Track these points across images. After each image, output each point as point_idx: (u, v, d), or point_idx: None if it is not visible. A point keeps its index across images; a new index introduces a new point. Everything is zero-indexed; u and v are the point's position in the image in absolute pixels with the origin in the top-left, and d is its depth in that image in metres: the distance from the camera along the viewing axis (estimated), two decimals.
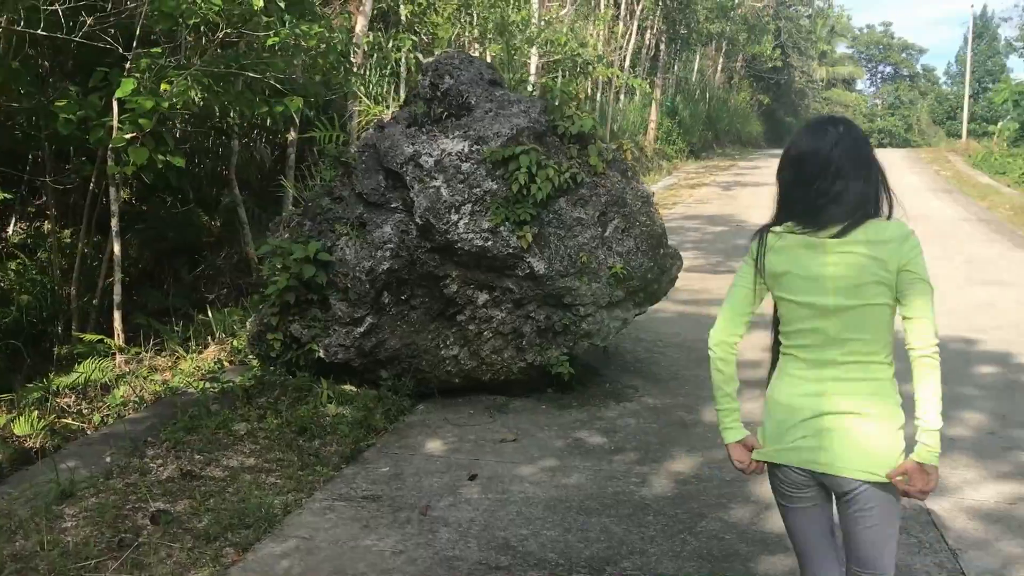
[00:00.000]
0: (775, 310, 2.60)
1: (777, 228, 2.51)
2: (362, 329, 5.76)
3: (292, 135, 11.09)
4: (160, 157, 7.35)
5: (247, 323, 6.66)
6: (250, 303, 8.51)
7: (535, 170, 5.52)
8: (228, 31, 8.04)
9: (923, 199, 19.28)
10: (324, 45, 8.76)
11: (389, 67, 13.94)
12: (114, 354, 7.32)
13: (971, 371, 6.78)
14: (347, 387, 6.01)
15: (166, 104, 7.06)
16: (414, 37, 12.69)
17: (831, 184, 2.45)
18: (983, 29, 57.36)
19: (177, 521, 4.17)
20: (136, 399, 6.19)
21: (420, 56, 12.43)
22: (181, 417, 5.53)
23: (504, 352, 5.83)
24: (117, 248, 7.76)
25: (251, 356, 6.68)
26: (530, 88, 15.58)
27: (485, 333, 5.79)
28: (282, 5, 8.32)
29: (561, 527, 4.18)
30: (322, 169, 6.75)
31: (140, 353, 7.51)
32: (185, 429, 5.37)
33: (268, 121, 10.85)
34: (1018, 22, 35.69)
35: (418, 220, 5.53)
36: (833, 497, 2.52)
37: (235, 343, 7.43)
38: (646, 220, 5.95)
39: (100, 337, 7.67)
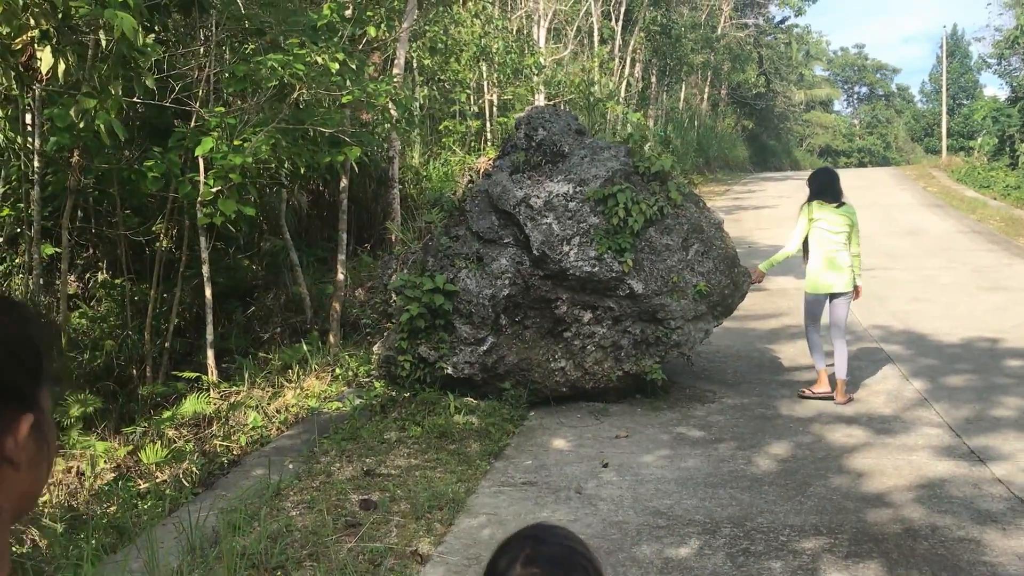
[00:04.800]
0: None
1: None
2: (484, 348, 6.69)
3: (344, 182, 12.03)
4: (243, 208, 8.20)
5: (375, 348, 7.55)
6: (311, 338, 9.39)
7: (630, 205, 6.51)
8: (302, 91, 8.95)
9: (918, 214, 20.44)
10: (390, 100, 9.73)
11: (416, 115, 14.97)
12: (208, 389, 8.13)
13: (1000, 365, 7.77)
14: (469, 400, 6.93)
15: (250, 159, 7.90)
16: (468, 90, 13.66)
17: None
18: (954, 47, 59.32)
19: (382, 506, 5.06)
20: (281, 420, 7.07)
21: (474, 107, 13.40)
22: (336, 430, 6.42)
23: (605, 363, 6.78)
24: (208, 293, 8.56)
25: (369, 378, 7.59)
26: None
27: (588, 347, 6.74)
28: (353, 66, 9.32)
29: (696, 497, 5.11)
30: (428, 213, 7.68)
31: (234, 387, 8.36)
32: (344, 439, 6.27)
33: (302, 170, 11.77)
34: (991, 40, 37.35)
35: (535, 252, 6.50)
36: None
37: (338, 371, 8.33)
38: (720, 244, 6.94)
39: (197, 374, 8.54)
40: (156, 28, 9.36)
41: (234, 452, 6.73)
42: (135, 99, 7.91)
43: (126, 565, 4.34)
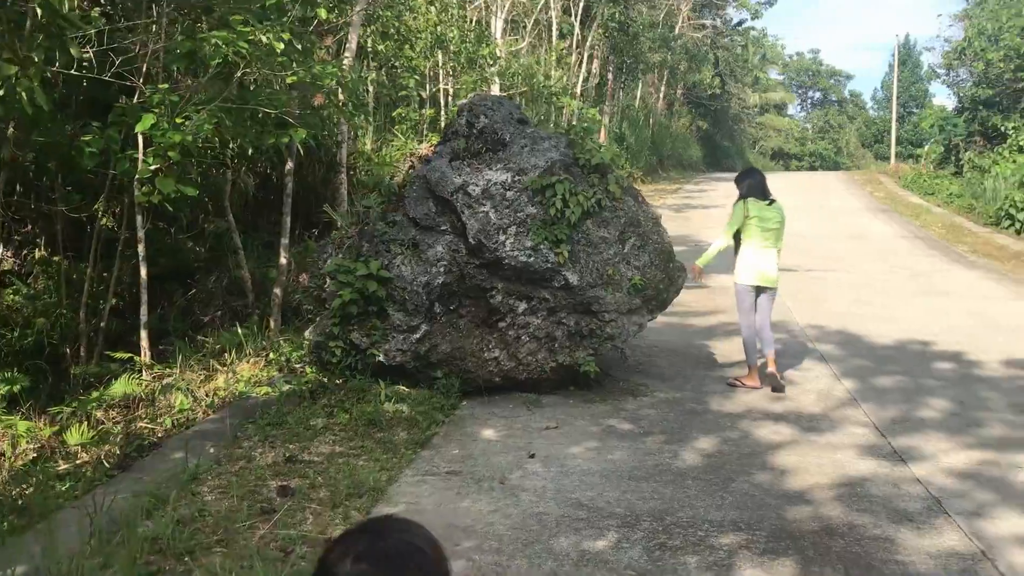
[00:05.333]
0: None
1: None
2: (417, 336, 6.61)
3: (289, 164, 11.83)
4: (181, 187, 8.01)
5: (306, 334, 7.42)
6: (250, 322, 9.25)
7: (568, 197, 6.46)
8: (247, 70, 8.75)
9: (862, 219, 20.79)
10: (336, 83, 9.57)
11: (363, 100, 14.80)
12: (141, 370, 7.94)
13: (929, 367, 7.89)
14: (401, 388, 6.84)
15: (190, 137, 7.71)
16: (417, 76, 13.52)
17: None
18: (906, 56, 60.42)
19: (301, 493, 4.96)
20: (208, 404, 6.91)
21: (423, 92, 13.28)
22: (262, 415, 6.30)
23: (539, 354, 6.73)
24: (144, 272, 8.35)
25: (300, 365, 7.47)
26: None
27: (523, 337, 6.69)
28: (299, 47, 9.14)
29: (619, 490, 5.09)
30: (368, 197, 7.57)
31: (167, 369, 8.17)
32: (269, 425, 6.15)
33: (250, 152, 11.56)
34: (940, 51, 38.11)
35: (471, 240, 6.43)
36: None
37: (272, 355, 8.18)
38: (657, 238, 6.94)
39: (131, 355, 8.33)
40: (103, 1, 9.10)
41: (158, 434, 6.57)
42: (64, 69, 7.72)
43: (26, 548, 4.19)
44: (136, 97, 8.05)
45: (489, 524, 4.62)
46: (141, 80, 8.06)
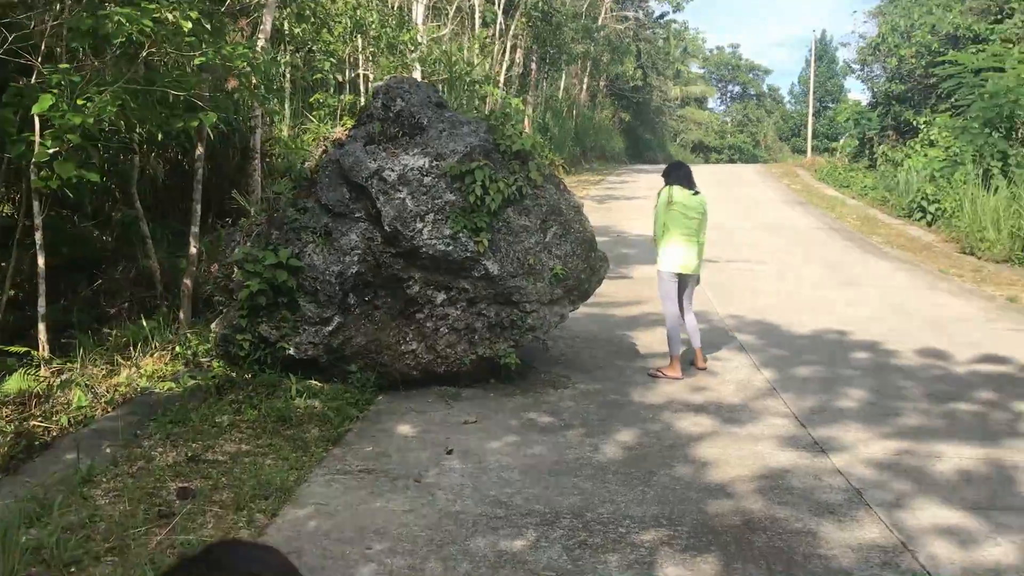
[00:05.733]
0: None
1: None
2: (330, 328, 6.34)
3: (200, 149, 11.37)
4: (81, 172, 7.58)
5: (212, 326, 7.07)
6: (159, 315, 8.85)
7: (488, 183, 6.27)
8: (153, 50, 8.34)
9: (780, 210, 21.11)
10: (247, 65, 9.18)
11: (276, 83, 14.36)
12: (39, 365, 7.49)
13: (847, 357, 7.94)
14: (313, 382, 6.56)
15: (91, 120, 7.28)
16: (333, 59, 13.14)
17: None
18: (823, 52, 61.86)
19: (202, 495, 4.67)
20: (107, 400, 6.52)
21: (339, 76, 12.91)
22: (164, 412, 5.96)
23: (458, 346, 6.53)
24: (41, 262, 7.88)
25: (207, 359, 7.12)
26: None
27: (441, 329, 6.48)
28: (208, 26, 8.73)
29: (539, 486, 4.93)
30: (279, 183, 7.24)
31: (67, 364, 7.72)
32: (171, 423, 5.82)
33: (159, 136, 11.10)
34: (855, 47, 39.09)
35: (386, 228, 6.18)
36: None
37: (179, 348, 7.80)
38: (579, 227, 6.79)
39: (27, 349, 7.85)
40: None
41: (52, 434, 6.17)
42: None
43: None
44: (34, 77, 7.57)
45: (403, 525, 4.41)
46: (39, 59, 7.59)
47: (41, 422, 6.47)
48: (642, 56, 48.68)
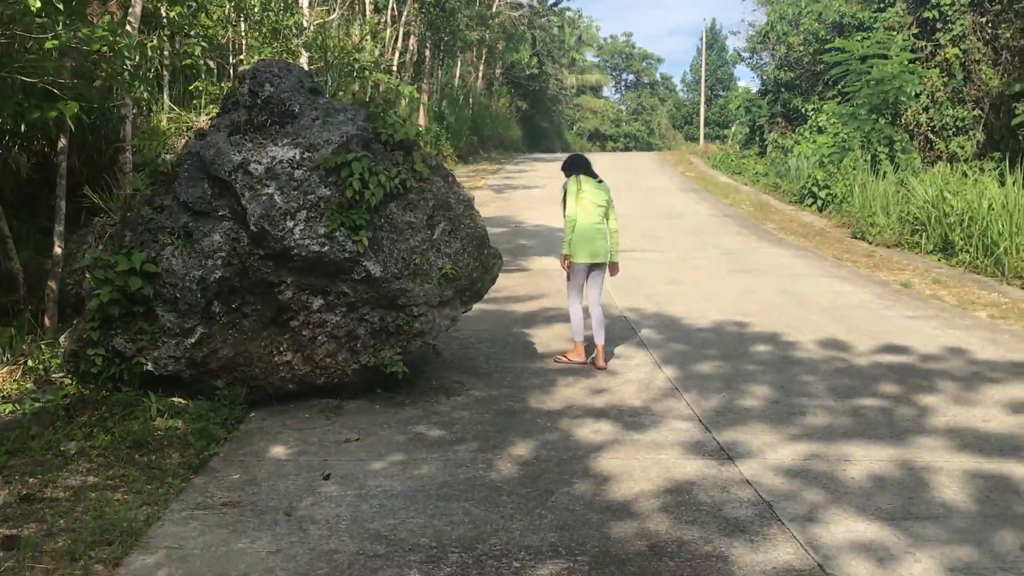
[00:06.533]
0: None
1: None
2: (193, 340, 5.69)
3: (63, 142, 10.45)
4: None
5: (60, 339, 6.32)
6: (20, 321, 8.02)
7: (367, 176, 5.71)
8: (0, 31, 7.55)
9: (675, 198, 21.10)
10: (107, 49, 8.37)
11: (153, 71, 13.41)
12: None
13: (748, 350, 7.70)
14: (177, 399, 5.90)
15: None
16: (204, 43, 12.29)
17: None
18: (712, 40, 62.92)
19: (32, 545, 4.00)
20: None
21: (210, 62, 12.07)
22: (1, 440, 5.21)
23: (339, 355, 5.97)
24: None
25: (61, 374, 6.36)
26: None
27: (319, 337, 5.91)
28: (60, 6, 7.89)
29: (425, 514, 4.44)
30: (135, 178, 6.51)
31: None
32: (7, 453, 5.09)
33: (22, 127, 10.19)
34: (745, 35, 39.80)
35: (252, 228, 5.56)
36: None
37: (31, 362, 6.99)
38: (469, 223, 6.31)
39: None
40: None
41: None
42: None
43: None
44: None
45: (267, 570, 3.85)
46: None
47: None
48: (537, 44, 48.46)
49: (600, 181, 7.40)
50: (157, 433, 5.43)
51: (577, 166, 7.43)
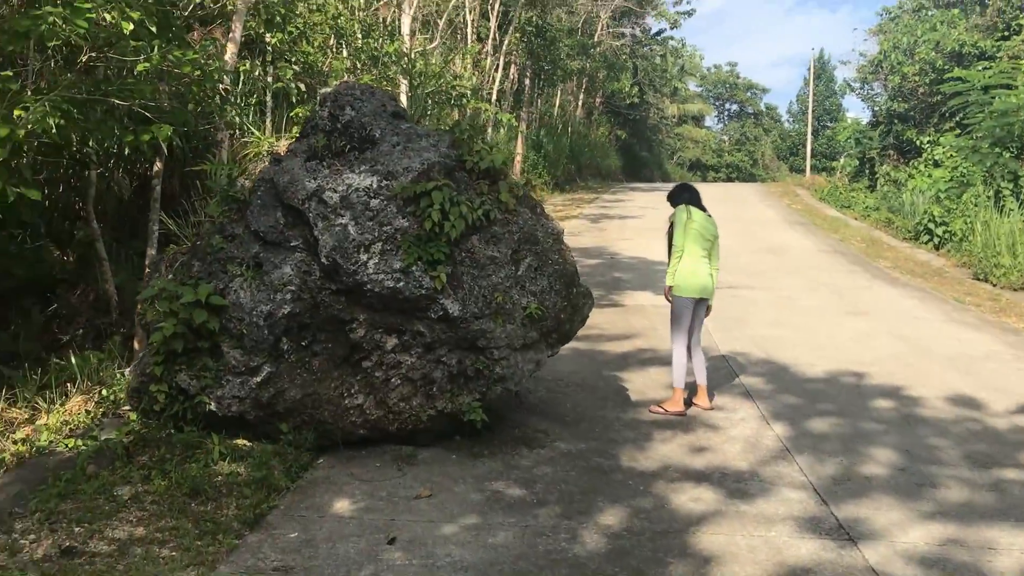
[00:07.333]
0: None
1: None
2: (259, 379, 5.30)
3: (158, 165, 10.41)
4: (13, 189, 6.69)
5: (125, 372, 6.04)
6: (110, 345, 7.85)
7: (448, 207, 5.25)
8: (92, 55, 7.47)
9: (781, 231, 20.11)
10: (199, 73, 8.22)
11: (256, 97, 13.40)
12: None
13: (866, 406, 6.91)
14: (241, 442, 5.52)
15: (22, 132, 6.40)
16: (295, 67, 12.18)
17: None
18: (821, 71, 61.18)
19: None
20: None
21: (301, 85, 11.94)
22: (53, 482, 4.91)
23: (413, 400, 5.50)
24: None
25: (128, 409, 6.07)
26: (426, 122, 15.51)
27: (393, 380, 5.44)
28: (153, 29, 7.77)
29: None
30: (210, 205, 6.24)
31: None
32: (59, 496, 4.78)
33: (127, 151, 10.19)
34: (855, 65, 38.30)
35: (324, 260, 5.15)
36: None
37: (105, 392, 6.75)
38: (558, 258, 5.77)
39: None
40: None
41: None
42: None
43: None
44: None
45: None
46: None
47: None
48: (639, 73, 47.88)
49: (709, 215, 6.94)
50: (216, 479, 5.04)
51: (683, 197, 6.95)
